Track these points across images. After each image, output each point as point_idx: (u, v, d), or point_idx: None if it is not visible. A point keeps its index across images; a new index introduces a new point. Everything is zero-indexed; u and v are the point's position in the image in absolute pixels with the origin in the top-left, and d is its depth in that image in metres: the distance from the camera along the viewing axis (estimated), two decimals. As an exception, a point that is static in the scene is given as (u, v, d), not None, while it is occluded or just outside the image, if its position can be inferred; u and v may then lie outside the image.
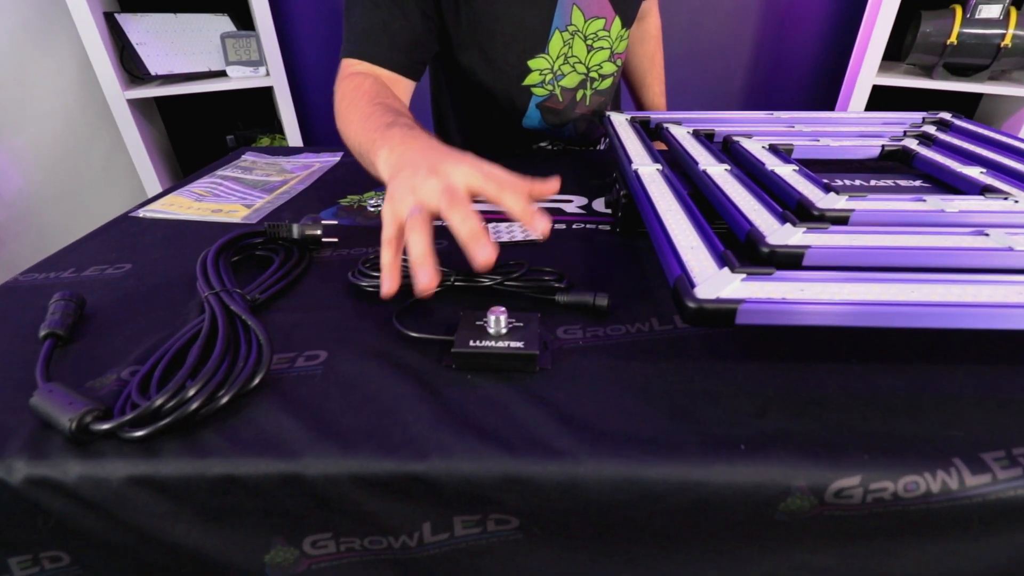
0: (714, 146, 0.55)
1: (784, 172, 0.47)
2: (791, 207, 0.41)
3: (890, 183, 0.52)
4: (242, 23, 1.50)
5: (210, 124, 1.62)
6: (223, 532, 0.29)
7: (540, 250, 0.49)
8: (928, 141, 0.59)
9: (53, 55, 1.36)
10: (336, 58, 0.64)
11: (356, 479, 0.28)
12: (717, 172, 0.47)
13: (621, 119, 0.67)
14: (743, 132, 0.60)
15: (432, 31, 0.66)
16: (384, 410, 0.30)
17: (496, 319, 0.34)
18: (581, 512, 0.28)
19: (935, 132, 0.60)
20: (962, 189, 0.47)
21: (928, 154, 0.54)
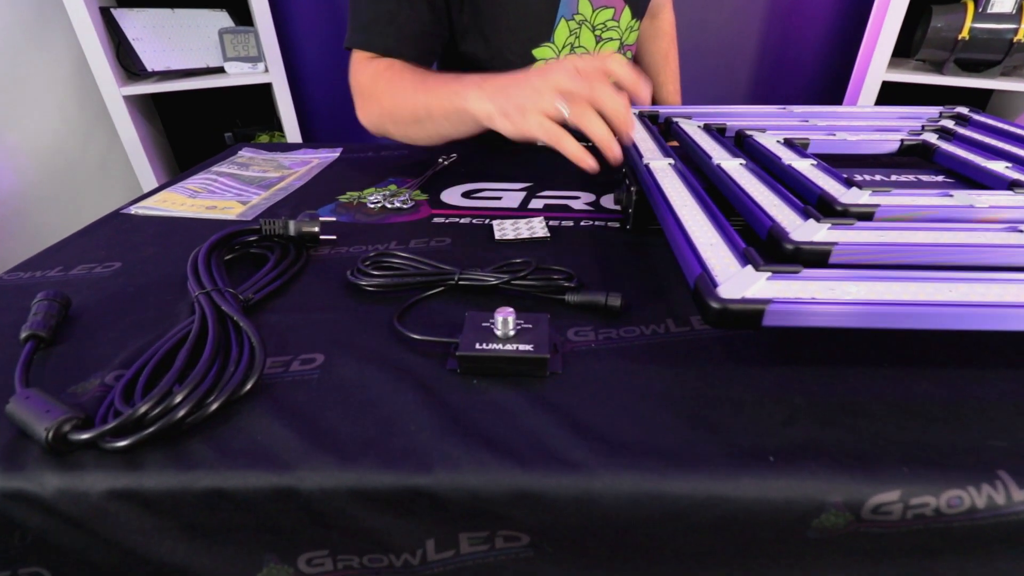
0: (727, 140, 0.53)
1: (802, 167, 0.45)
2: (812, 203, 0.39)
3: (911, 178, 0.50)
4: (240, 18, 1.48)
5: (208, 121, 1.60)
6: (212, 549, 0.27)
7: (547, 248, 0.47)
8: (948, 135, 0.57)
9: (48, 51, 1.34)
10: (337, 53, 0.62)
11: (354, 493, 0.26)
12: (732, 167, 0.45)
13: (629, 113, 0.65)
14: (756, 126, 0.58)
15: (440, 20, 0.64)
16: (384, 418, 0.29)
17: (503, 320, 0.32)
18: (597, 529, 0.26)
19: (954, 127, 0.58)
20: (988, 184, 0.45)
21: (950, 148, 0.52)
